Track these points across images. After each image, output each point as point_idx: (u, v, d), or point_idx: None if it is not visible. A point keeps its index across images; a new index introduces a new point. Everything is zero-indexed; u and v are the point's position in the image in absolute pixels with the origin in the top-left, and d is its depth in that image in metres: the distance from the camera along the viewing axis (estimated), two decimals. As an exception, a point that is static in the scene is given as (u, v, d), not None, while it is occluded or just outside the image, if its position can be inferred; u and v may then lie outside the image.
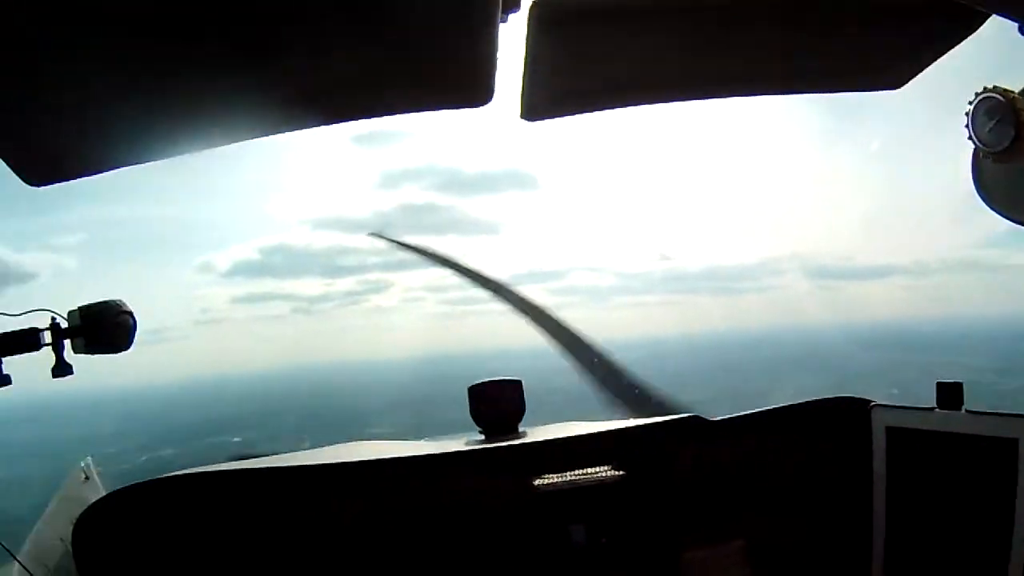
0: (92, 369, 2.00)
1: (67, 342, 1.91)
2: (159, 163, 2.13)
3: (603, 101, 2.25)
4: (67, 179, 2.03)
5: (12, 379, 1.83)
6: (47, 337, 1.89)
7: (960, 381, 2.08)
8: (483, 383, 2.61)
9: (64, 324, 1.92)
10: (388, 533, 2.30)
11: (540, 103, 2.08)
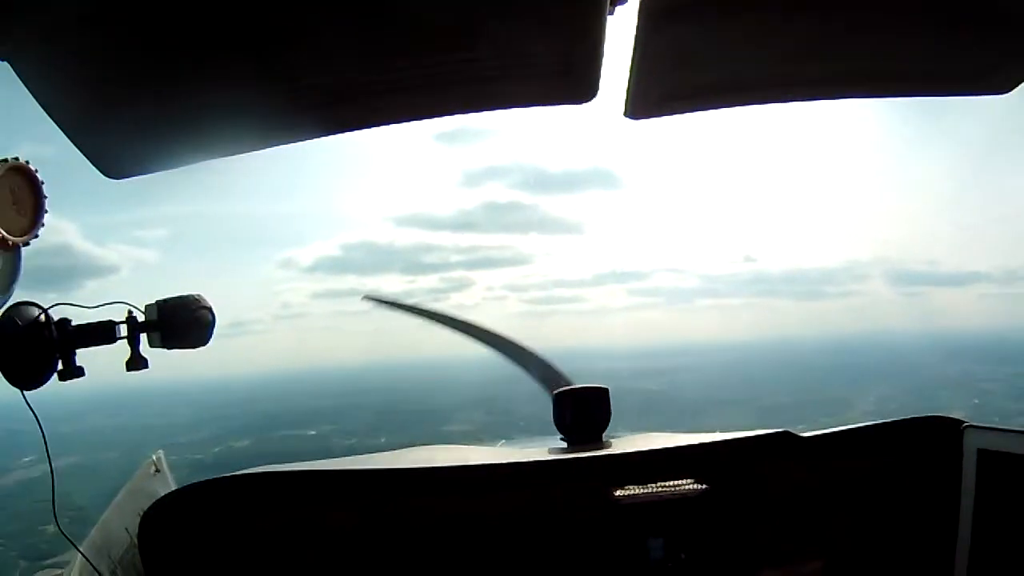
0: (172, 360, 1.98)
1: (143, 336, 1.89)
2: (241, 160, 2.13)
3: (709, 101, 2.17)
4: (144, 173, 2.04)
5: (85, 371, 1.81)
6: (123, 330, 1.87)
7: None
8: (568, 389, 2.57)
9: (141, 317, 1.89)
10: (466, 541, 2.26)
11: (646, 101, 2.01)
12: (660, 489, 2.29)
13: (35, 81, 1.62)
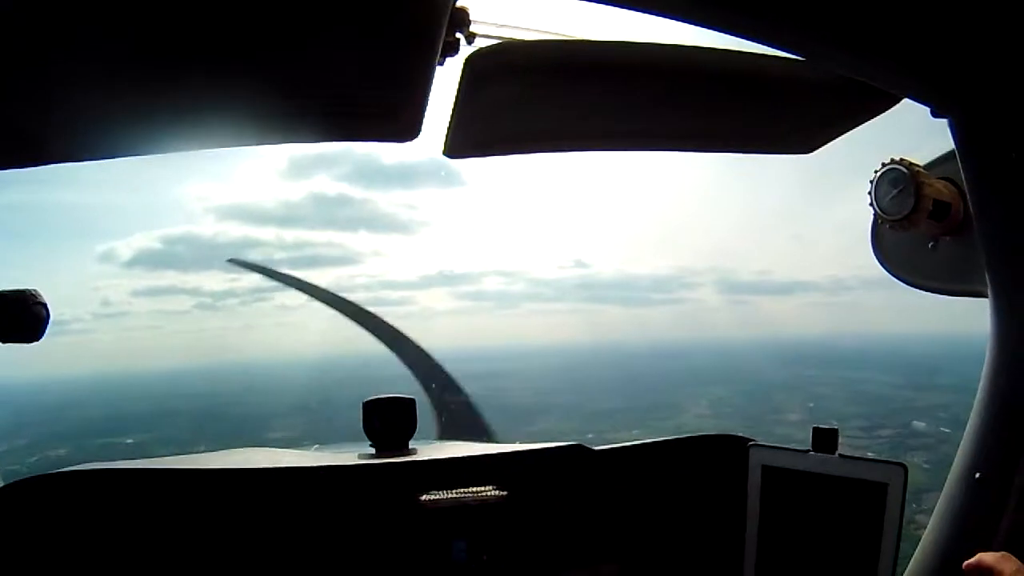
0: None
1: None
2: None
3: (522, 147, 2.33)
4: (8, 167, 2.01)
5: None
6: None
7: (836, 427, 2.15)
8: (377, 399, 2.63)
9: None
10: (270, 543, 2.30)
11: (463, 144, 2.15)
12: (463, 494, 2.41)
13: None
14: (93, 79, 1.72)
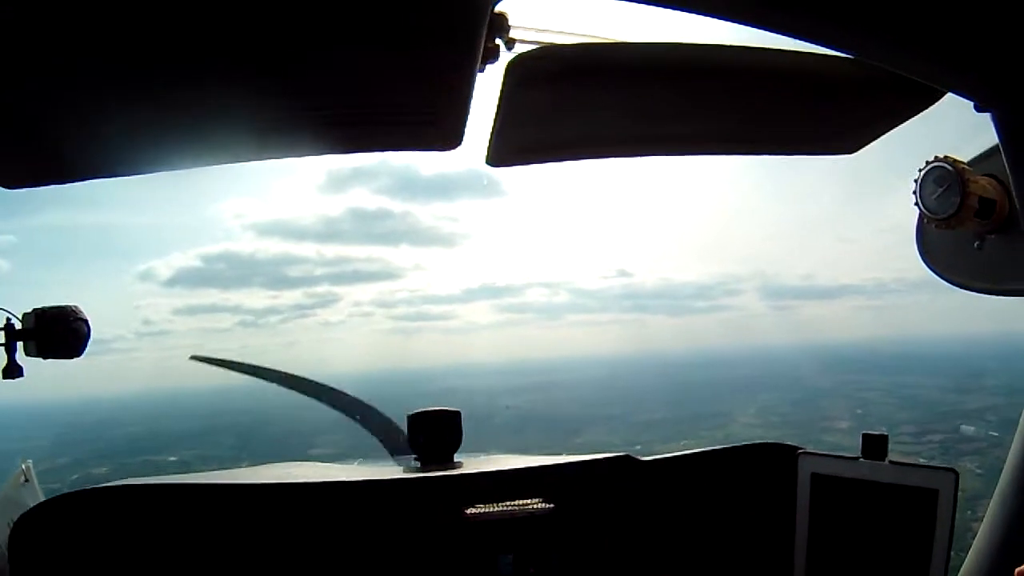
0: (32, 381, 1.96)
1: (19, 344, 1.89)
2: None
3: (565, 154, 2.34)
4: (38, 185, 2.06)
5: None
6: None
7: (885, 434, 2.12)
8: (422, 411, 2.64)
9: (18, 325, 1.89)
10: (322, 556, 2.31)
11: (505, 152, 2.15)
12: (510, 508, 2.40)
13: None
14: (121, 94, 1.75)
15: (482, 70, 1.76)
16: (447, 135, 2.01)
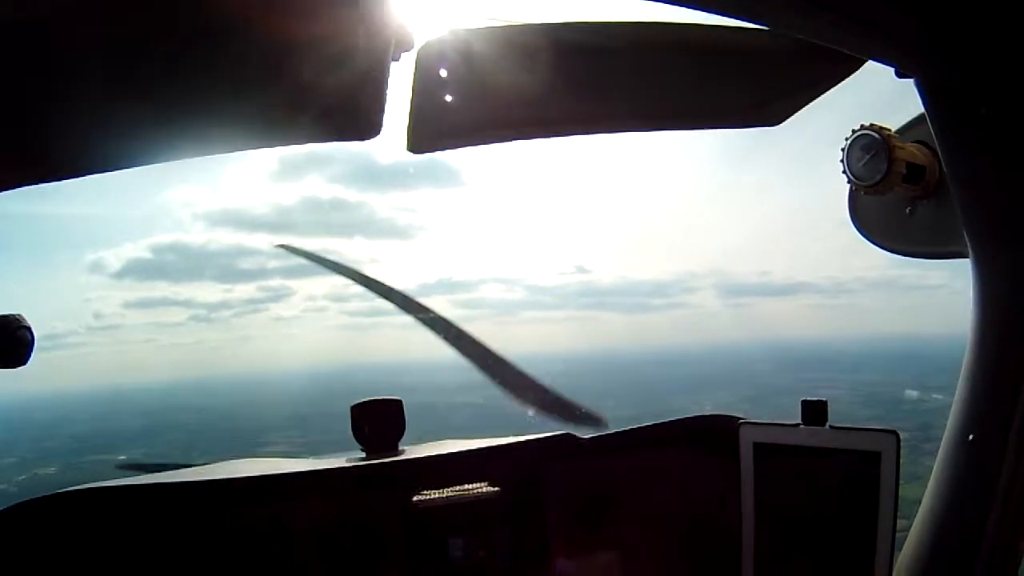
0: None
1: None
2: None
3: (483, 138, 2.32)
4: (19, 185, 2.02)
5: None
6: None
7: (825, 400, 2.13)
8: (364, 402, 2.62)
9: None
10: (264, 551, 2.30)
11: (424, 138, 2.17)
12: (455, 493, 2.42)
13: None
14: (74, 94, 1.73)
15: (396, 58, 1.78)
16: (365, 124, 2.01)
